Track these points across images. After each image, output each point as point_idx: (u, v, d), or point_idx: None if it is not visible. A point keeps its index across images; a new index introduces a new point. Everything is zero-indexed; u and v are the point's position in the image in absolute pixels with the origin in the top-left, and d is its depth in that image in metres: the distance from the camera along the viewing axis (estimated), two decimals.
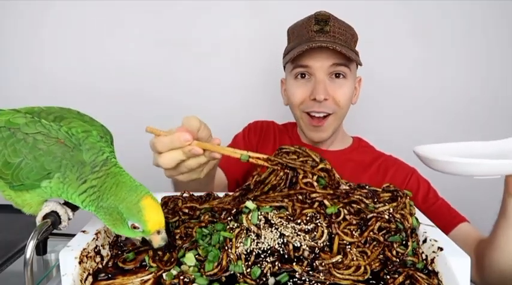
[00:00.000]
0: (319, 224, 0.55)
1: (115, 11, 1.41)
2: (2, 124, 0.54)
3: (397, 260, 0.54)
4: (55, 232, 0.59)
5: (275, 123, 1.20)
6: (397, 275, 0.52)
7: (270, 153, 0.67)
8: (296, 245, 0.53)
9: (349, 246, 0.55)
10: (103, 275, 0.54)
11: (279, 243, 0.53)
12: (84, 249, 0.53)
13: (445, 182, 1.06)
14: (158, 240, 0.54)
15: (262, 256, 0.53)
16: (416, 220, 0.59)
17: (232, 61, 1.44)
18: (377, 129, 1.39)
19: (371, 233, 0.56)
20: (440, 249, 0.52)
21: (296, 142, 1.11)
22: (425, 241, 0.56)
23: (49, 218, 0.56)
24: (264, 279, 0.51)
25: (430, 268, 0.53)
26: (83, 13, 1.41)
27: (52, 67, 1.43)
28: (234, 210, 0.59)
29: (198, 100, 1.41)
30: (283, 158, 0.65)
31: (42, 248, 0.81)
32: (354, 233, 0.56)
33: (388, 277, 0.52)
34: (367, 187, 0.63)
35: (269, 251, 0.53)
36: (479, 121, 1.40)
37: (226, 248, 0.53)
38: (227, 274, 0.52)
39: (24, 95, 1.41)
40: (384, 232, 0.56)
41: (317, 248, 0.54)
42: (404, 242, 0.56)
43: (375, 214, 0.57)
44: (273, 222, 0.55)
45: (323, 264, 0.52)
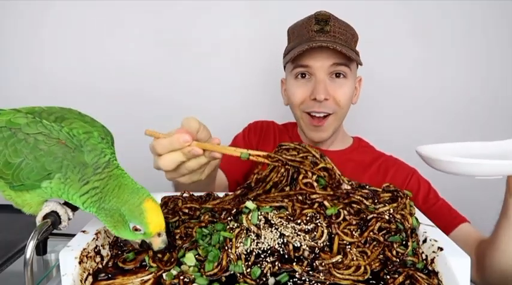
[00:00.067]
0: (319, 224, 0.55)
1: (115, 11, 1.41)
2: (2, 124, 0.54)
3: (397, 260, 0.54)
4: (55, 232, 0.59)
5: (275, 123, 1.20)
6: (397, 275, 0.52)
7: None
8: (296, 245, 0.53)
9: (349, 246, 0.55)
10: (103, 275, 0.54)
11: (279, 244, 0.53)
12: (84, 249, 0.53)
13: (445, 182, 1.06)
14: (158, 243, 0.54)
15: (262, 256, 0.53)
16: (416, 220, 0.59)
17: (232, 61, 1.44)
18: (377, 129, 1.39)
19: (371, 233, 0.56)
20: (440, 249, 0.52)
21: None
22: (425, 241, 0.56)
23: (49, 218, 0.56)
24: (264, 279, 0.51)
25: (430, 268, 0.53)
26: (83, 13, 1.41)
27: (52, 67, 1.43)
28: (234, 210, 0.59)
29: (198, 100, 1.42)
30: (283, 154, 0.65)
31: (42, 248, 0.81)
32: (354, 233, 0.56)
33: (388, 277, 0.52)
34: (368, 186, 0.63)
35: (269, 251, 0.53)
36: (479, 121, 1.40)
37: (226, 248, 0.53)
38: (227, 274, 0.52)
39: (24, 95, 1.41)
40: (384, 232, 0.56)
41: (317, 248, 0.54)
42: (404, 242, 0.56)
43: (375, 215, 0.57)
44: (273, 222, 0.55)
45: (323, 264, 0.52)
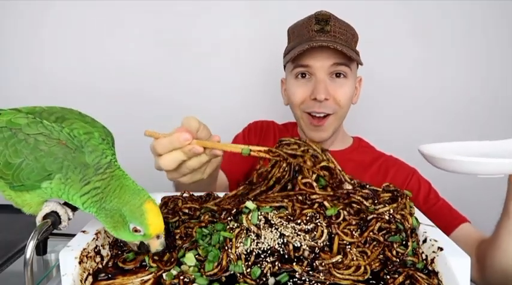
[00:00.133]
0: (319, 224, 0.55)
1: (115, 11, 1.41)
2: (3, 124, 0.53)
3: (397, 260, 0.54)
4: (55, 232, 0.59)
5: (275, 123, 1.20)
6: (397, 275, 0.52)
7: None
8: (296, 245, 0.53)
9: (349, 246, 0.55)
10: (103, 275, 0.54)
11: (279, 244, 0.53)
12: (84, 249, 0.53)
13: (445, 182, 1.06)
14: (156, 245, 0.54)
15: (262, 256, 0.53)
16: (416, 220, 0.59)
17: (232, 61, 1.44)
18: (377, 129, 1.39)
19: (371, 234, 0.56)
20: (440, 249, 0.52)
21: None
22: (425, 241, 0.56)
23: (49, 218, 0.56)
24: (264, 279, 0.51)
25: (430, 268, 0.53)
26: (83, 13, 1.41)
27: (52, 67, 1.43)
28: (234, 210, 0.59)
29: (198, 100, 1.42)
30: (284, 149, 0.64)
31: (42, 248, 0.81)
32: (353, 233, 0.56)
33: (388, 277, 0.52)
34: (368, 186, 0.63)
35: (269, 251, 0.53)
36: (479, 121, 1.40)
37: (226, 248, 0.53)
38: (227, 274, 0.52)
39: (24, 95, 1.41)
40: (384, 232, 0.56)
41: (317, 248, 0.54)
42: (404, 242, 0.56)
43: (375, 215, 0.57)
44: (273, 222, 0.55)
45: (323, 264, 0.52)
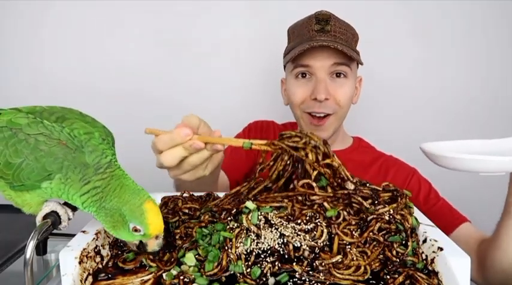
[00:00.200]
0: (319, 224, 0.55)
1: (115, 11, 1.41)
2: (3, 124, 0.53)
3: (397, 260, 0.54)
4: (55, 232, 0.59)
5: (275, 123, 1.20)
6: (397, 275, 0.52)
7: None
8: (296, 245, 0.53)
9: (349, 246, 0.54)
10: (103, 275, 0.54)
11: (279, 244, 0.53)
12: (84, 249, 0.53)
13: (445, 182, 1.06)
14: (153, 245, 0.54)
15: (262, 256, 0.53)
16: (415, 219, 0.59)
17: (232, 61, 1.44)
18: (377, 129, 1.39)
19: (370, 234, 0.56)
20: (440, 249, 0.52)
21: None
22: (425, 241, 0.56)
23: (49, 218, 0.56)
24: (264, 279, 0.51)
25: (430, 268, 0.53)
26: (83, 13, 1.41)
27: (52, 67, 1.43)
28: (234, 210, 0.59)
29: (198, 100, 1.42)
30: (285, 141, 0.64)
31: (42, 248, 0.81)
32: (353, 233, 0.56)
33: (388, 277, 0.52)
34: (368, 184, 0.63)
35: (269, 251, 0.53)
36: (479, 121, 1.40)
37: (226, 248, 0.53)
38: (227, 274, 0.52)
39: (24, 95, 1.41)
40: (384, 232, 0.56)
41: (317, 248, 0.54)
42: (404, 242, 0.56)
43: (375, 216, 0.57)
44: (273, 222, 0.55)
45: (323, 264, 0.52)
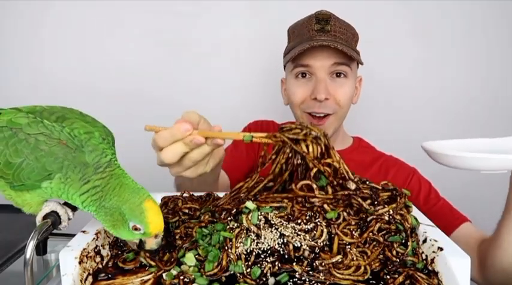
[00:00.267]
0: (319, 224, 0.55)
1: (115, 11, 1.41)
2: (3, 123, 0.53)
3: (397, 260, 0.54)
4: (55, 232, 0.59)
5: (275, 123, 1.20)
6: (397, 275, 0.52)
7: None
8: (296, 245, 0.53)
9: (349, 246, 0.54)
10: (103, 275, 0.54)
11: (279, 244, 0.53)
12: (84, 249, 0.53)
13: (445, 182, 1.06)
14: (152, 243, 0.54)
15: (262, 256, 0.53)
16: (415, 219, 0.59)
17: (232, 61, 1.44)
18: (377, 129, 1.39)
19: (370, 234, 0.56)
20: (440, 249, 0.52)
21: None
22: (425, 241, 0.56)
23: (49, 218, 0.56)
24: (264, 279, 0.51)
25: (430, 268, 0.53)
26: (83, 13, 1.41)
27: (52, 67, 1.43)
28: (234, 210, 0.59)
29: (198, 100, 1.42)
30: (286, 134, 0.64)
31: (42, 248, 0.81)
32: (353, 233, 0.56)
33: (388, 277, 0.52)
34: (368, 182, 0.63)
35: (269, 251, 0.53)
36: (479, 121, 1.40)
37: (226, 248, 0.53)
38: (227, 274, 0.52)
39: (24, 95, 1.41)
40: (384, 232, 0.56)
41: (317, 248, 0.54)
42: (404, 241, 0.56)
43: (375, 216, 0.57)
44: (273, 222, 0.55)
45: (323, 264, 0.52)
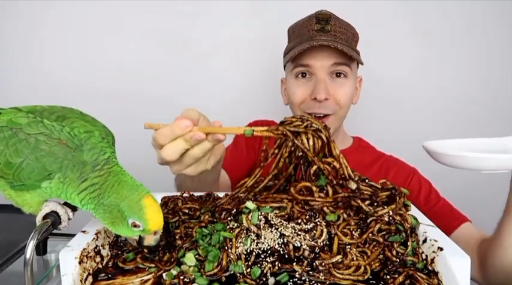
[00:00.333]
0: (319, 223, 0.55)
1: (115, 11, 1.41)
2: (3, 123, 0.53)
3: (397, 260, 0.54)
4: (55, 232, 0.59)
5: (275, 123, 1.19)
6: (397, 275, 0.52)
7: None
8: (296, 245, 0.53)
9: (349, 247, 0.54)
10: (103, 275, 0.54)
11: (279, 244, 0.53)
12: (84, 249, 0.53)
13: (445, 182, 1.06)
14: (150, 240, 0.54)
15: (262, 256, 0.53)
16: (414, 218, 0.59)
17: (232, 61, 1.44)
18: (377, 129, 1.39)
19: (370, 235, 0.56)
20: (440, 249, 0.52)
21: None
22: (425, 241, 0.56)
23: (49, 218, 0.56)
24: (264, 279, 0.51)
25: (430, 268, 0.53)
26: (83, 13, 1.41)
27: (52, 67, 1.43)
28: (234, 210, 0.59)
29: (198, 100, 1.41)
30: (287, 127, 0.64)
31: (42, 248, 0.81)
32: (353, 233, 0.56)
33: (388, 277, 0.52)
34: (367, 181, 0.63)
35: (269, 251, 0.53)
36: (479, 121, 1.40)
37: (226, 248, 0.53)
38: (227, 274, 0.52)
39: (24, 95, 1.41)
40: (384, 233, 0.56)
41: (317, 248, 0.54)
42: (404, 241, 0.56)
43: (375, 218, 0.57)
44: (273, 222, 0.55)
45: (323, 264, 0.52)
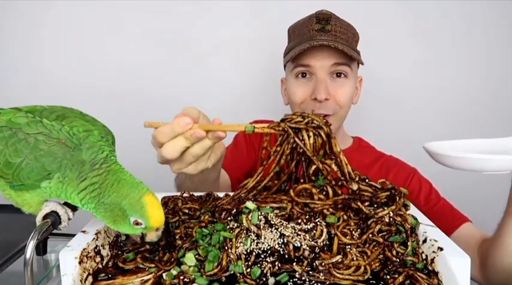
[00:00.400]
0: (319, 223, 0.55)
1: (115, 11, 1.41)
2: (3, 123, 0.53)
3: (397, 260, 0.54)
4: (55, 232, 0.59)
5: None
6: (397, 275, 0.52)
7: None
8: (296, 245, 0.53)
9: (349, 247, 0.54)
10: (103, 275, 0.54)
11: (279, 244, 0.53)
12: (84, 249, 0.53)
13: (445, 182, 1.06)
14: (152, 236, 0.54)
15: (262, 256, 0.53)
16: (413, 218, 0.59)
17: (232, 61, 1.44)
18: (377, 128, 1.39)
19: (370, 236, 0.56)
20: (440, 249, 0.52)
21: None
22: (425, 241, 0.56)
23: (49, 218, 0.56)
24: (264, 279, 0.51)
25: (430, 268, 0.53)
26: (83, 13, 1.41)
27: (52, 67, 1.43)
28: (234, 210, 0.59)
29: (198, 100, 1.40)
30: (287, 123, 0.64)
31: (42, 248, 0.81)
32: (353, 233, 0.56)
33: (388, 277, 0.52)
34: (367, 180, 0.63)
35: (269, 251, 0.53)
36: (479, 121, 1.40)
37: (226, 248, 0.53)
38: (227, 274, 0.52)
39: (24, 95, 1.41)
40: (384, 233, 0.56)
41: (317, 248, 0.54)
42: (403, 241, 0.56)
43: (375, 219, 0.57)
44: (273, 222, 0.55)
45: (323, 264, 0.52)
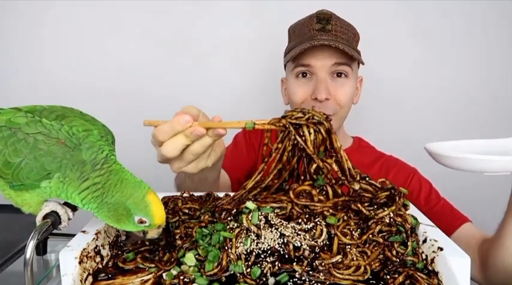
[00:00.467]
0: (318, 223, 0.55)
1: (115, 11, 1.41)
2: (2, 123, 0.53)
3: (397, 260, 0.54)
4: (55, 232, 0.59)
5: None
6: (397, 275, 0.52)
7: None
8: (296, 245, 0.53)
9: (349, 247, 0.54)
10: (103, 275, 0.54)
11: (279, 244, 0.53)
12: (84, 249, 0.53)
13: (445, 182, 1.06)
14: (154, 233, 0.55)
15: (262, 256, 0.53)
16: (413, 217, 0.59)
17: (232, 61, 1.44)
18: (377, 128, 1.39)
19: (370, 236, 0.56)
20: (440, 249, 0.52)
21: None
22: (425, 241, 0.56)
23: (49, 218, 0.56)
24: (264, 279, 0.51)
25: (430, 268, 0.53)
26: (83, 13, 1.41)
27: (52, 67, 1.43)
28: (234, 210, 0.59)
29: (197, 100, 1.40)
30: (288, 119, 0.63)
31: (42, 248, 0.81)
32: (353, 233, 0.56)
33: (388, 277, 0.52)
34: (368, 178, 0.63)
35: (269, 251, 0.53)
36: (479, 121, 1.40)
37: (226, 248, 0.53)
38: (227, 274, 0.52)
39: (24, 95, 1.41)
40: (385, 233, 0.56)
41: (317, 247, 0.54)
42: (403, 241, 0.56)
43: (375, 220, 0.57)
44: (273, 222, 0.55)
45: (323, 264, 0.52)
